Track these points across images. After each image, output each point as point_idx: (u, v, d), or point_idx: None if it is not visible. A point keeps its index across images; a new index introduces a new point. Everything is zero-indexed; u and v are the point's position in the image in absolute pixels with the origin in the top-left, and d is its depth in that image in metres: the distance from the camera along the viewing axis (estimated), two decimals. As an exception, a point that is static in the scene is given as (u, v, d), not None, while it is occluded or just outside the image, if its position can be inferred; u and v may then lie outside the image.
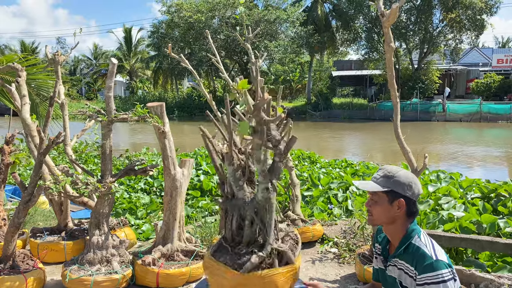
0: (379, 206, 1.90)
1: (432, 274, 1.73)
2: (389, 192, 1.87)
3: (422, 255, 1.79)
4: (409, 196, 1.87)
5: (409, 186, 1.87)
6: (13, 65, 3.96)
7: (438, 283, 1.72)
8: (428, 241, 1.86)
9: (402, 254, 1.88)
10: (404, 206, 1.87)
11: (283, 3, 35.06)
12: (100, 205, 3.38)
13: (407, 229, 1.90)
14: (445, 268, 1.74)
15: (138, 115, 3.29)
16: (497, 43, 54.45)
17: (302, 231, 4.40)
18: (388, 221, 1.91)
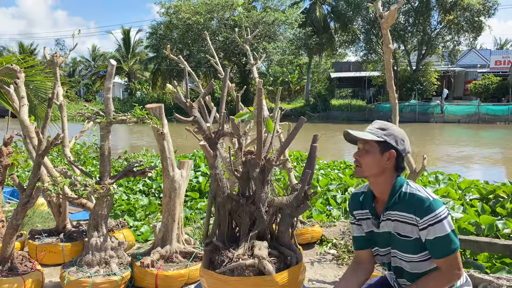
0: (370, 156, 1.92)
1: (433, 214, 1.78)
2: (382, 143, 1.90)
3: (419, 200, 1.83)
4: (400, 150, 1.91)
5: (401, 140, 1.92)
6: (12, 66, 3.95)
7: (441, 221, 1.78)
8: (417, 186, 1.91)
9: (395, 204, 1.90)
10: (394, 158, 1.90)
11: (282, 4, 35.15)
12: (98, 206, 3.37)
13: (394, 181, 1.93)
14: (442, 205, 1.82)
15: (137, 116, 3.28)
16: (495, 44, 54.60)
17: (301, 233, 4.40)
18: (377, 172, 1.92)
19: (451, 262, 1.81)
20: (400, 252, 1.92)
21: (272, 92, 37.17)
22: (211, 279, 2.11)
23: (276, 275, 2.03)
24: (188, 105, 2.40)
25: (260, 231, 2.22)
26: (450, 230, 1.79)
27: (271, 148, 2.33)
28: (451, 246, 1.80)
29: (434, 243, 1.80)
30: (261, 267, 2.03)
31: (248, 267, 2.05)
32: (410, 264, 1.91)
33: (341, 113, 33.21)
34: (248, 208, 2.21)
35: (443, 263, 1.82)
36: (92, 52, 55.00)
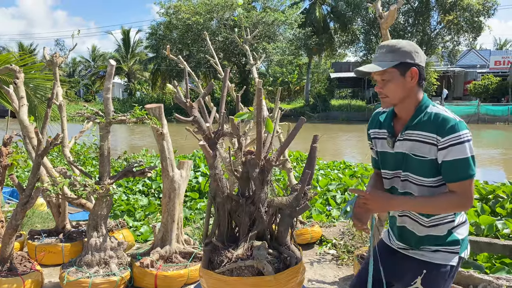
0: (393, 83, 1.83)
1: (456, 134, 1.71)
2: (399, 65, 1.81)
3: (444, 119, 1.75)
4: (419, 63, 1.83)
5: (416, 52, 1.83)
6: (11, 66, 3.95)
7: (463, 142, 1.72)
8: (444, 108, 1.83)
9: (418, 123, 1.82)
10: (417, 74, 1.82)
11: (281, 5, 35.13)
12: (98, 207, 3.37)
13: (420, 100, 1.86)
14: (466, 129, 1.74)
15: (137, 116, 3.28)
16: (495, 44, 54.63)
17: (301, 233, 4.40)
18: (404, 95, 1.84)
19: (466, 188, 1.75)
20: (413, 174, 1.85)
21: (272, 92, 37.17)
22: (210, 279, 2.11)
23: (276, 275, 2.02)
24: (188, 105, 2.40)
25: (259, 231, 2.22)
26: (470, 154, 1.73)
27: (271, 148, 2.33)
28: (468, 171, 1.74)
29: (452, 165, 1.73)
30: (260, 267, 2.03)
31: (247, 267, 2.05)
32: (419, 189, 1.85)
33: (341, 113, 33.21)
34: (248, 208, 2.21)
35: (457, 187, 1.76)
36: (91, 53, 54.99)
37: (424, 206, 1.81)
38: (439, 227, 1.86)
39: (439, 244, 1.87)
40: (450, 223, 1.87)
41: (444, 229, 1.86)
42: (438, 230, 1.86)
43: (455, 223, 1.87)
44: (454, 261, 1.86)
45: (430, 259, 1.87)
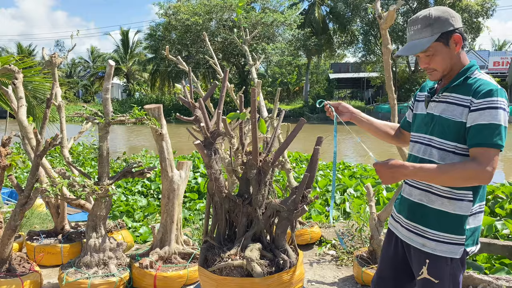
0: (439, 56, 1.76)
1: (492, 98, 1.62)
2: (441, 37, 1.73)
3: (483, 83, 1.68)
4: (458, 26, 1.75)
5: (452, 17, 1.75)
6: (10, 67, 3.94)
7: (497, 108, 1.61)
8: (486, 75, 1.76)
9: (456, 86, 1.76)
10: (461, 38, 1.75)
11: (280, 6, 35.16)
12: (97, 207, 3.36)
13: (465, 64, 1.80)
14: (505, 98, 1.65)
15: (136, 117, 3.28)
16: (493, 45, 54.73)
17: (300, 233, 4.40)
18: (451, 64, 1.78)
19: (488, 157, 1.62)
20: (437, 138, 1.77)
21: (271, 93, 37.19)
22: (203, 277, 2.13)
23: (264, 278, 2.00)
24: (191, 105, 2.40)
25: (256, 232, 2.21)
26: (502, 123, 1.61)
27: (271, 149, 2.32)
28: (495, 139, 1.61)
29: (480, 128, 1.62)
30: (249, 268, 2.02)
31: (236, 267, 2.05)
32: (440, 154, 1.75)
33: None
34: (245, 209, 2.20)
35: (479, 153, 1.63)
36: (90, 53, 54.97)
37: (438, 173, 1.66)
38: (453, 202, 1.73)
39: (443, 229, 1.75)
40: (468, 202, 1.73)
41: (457, 207, 1.73)
42: (451, 205, 1.74)
43: (473, 206, 1.74)
44: (457, 254, 1.75)
45: (432, 250, 1.78)
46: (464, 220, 1.73)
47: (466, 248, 1.75)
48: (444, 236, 1.75)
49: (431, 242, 1.78)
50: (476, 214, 1.77)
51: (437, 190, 1.77)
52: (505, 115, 1.63)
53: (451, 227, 1.74)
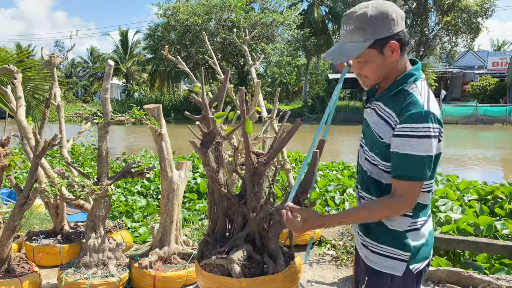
0: (372, 64, 1.56)
1: (416, 126, 1.44)
2: (374, 43, 1.51)
3: (412, 102, 1.47)
4: (398, 31, 1.52)
5: (391, 19, 1.50)
6: (9, 67, 3.93)
7: (421, 137, 1.44)
8: (425, 88, 1.54)
9: (388, 97, 1.57)
10: (398, 45, 1.52)
11: (280, 6, 35.18)
12: (96, 208, 3.35)
13: (404, 71, 1.58)
14: (434, 123, 1.45)
15: (135, 117, 3.27)
16: (492, 46, 54.80)
17: (300, 234, 4.39)
18: (388, 71, 1.58)
19: (406, 190, 1.49)
20: (367, 148, 1.65)
21: (271, 93, 37.19)
22: (197, 271, 2.19)
23: (241, 280, 1.99)
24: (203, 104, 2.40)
25: (250, 233, 2.20)
26: (425, 153, 1.45)
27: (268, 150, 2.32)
28: (416, 171, 1.47)
29: (400, 159, 1.48)
30: (229, 268, 2.02)
31: (218, 265, 2.06)
32: (373, 168, 1.62)
33: (339, 114, 33.23)
34: (241, 208, 2.20)
35: (398, 185, 1.50)
36: (90, 54, 54.94)
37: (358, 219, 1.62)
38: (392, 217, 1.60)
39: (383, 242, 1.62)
40: (404, 217, 1.58)
41: (394, 222, 1.60)
42: (388, 220, 1.60)
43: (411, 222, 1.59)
44: (399, 271, 1.59)
45: (373, 264, 1.65)
46: (402, 235, 1.59)
47: (409, 266, 1.59)
48: (384, 249, 1.62)
49: (373, 255, 1.65)
50: (417, 231, 1.60)
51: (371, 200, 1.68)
52: (431, 143, 1.44)
53: (391, 241, 1.61)
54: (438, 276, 3.31)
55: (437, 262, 3.58)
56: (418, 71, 1.58)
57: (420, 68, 1.60)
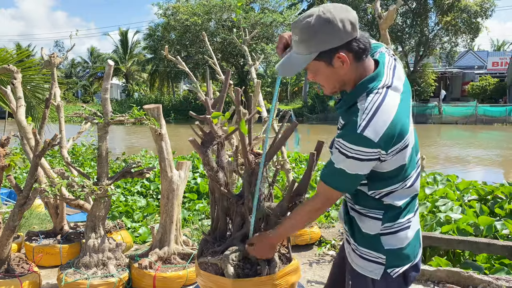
0: (322, 75, 1.51)
1: (347, 144, 1.42)
2: (320, 56, 1.44)
3: (350, 122, 1.43)
4: (347, 40, 1.40)
5: (336, 30, 1.38)
6: (9, 66, 3.93)
7: (347, 156, 1.43)
8: (374, 104, 1.41)
9: (344, 110, 1.54)
10: (348, 54, 1.43)
11: (280, 6, 35.18)
12: (96, 208, 3.35)
13: (361, 81, 1.48)
14: (367, 148, 1.40)
15: (135, 117, 3.27)
16: (492, 46, 54.82)
17: (300, 234, 4.39)
18: (341, 82, 1.52)
19: (321, 189, 1.58)
20: None
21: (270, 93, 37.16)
22: (196, 269, 2.19)
23: (234, 280, 1.99)
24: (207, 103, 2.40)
25: (246, 233, 2.20)
26: (339, 166, 1.47)
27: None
28: (327, 174, 1.54)
29: (328, 163, 1.55)
30: (222, 267, 2.03)
31: (212, 264, 2.07)
32: None
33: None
34: (239, 208, 2.20)
35: (319, 185, 1.60)
36: (90, 54, 54.93)
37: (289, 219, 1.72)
38: (363, 219, 1.61)
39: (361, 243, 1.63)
40: (375, 220, 1.58)
41: (365, 225, 1.61)
42: (361, 222, 1.62)
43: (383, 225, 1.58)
44: (376, 274, 1.59)
45: (354, 264, 1.66)
46: (374, 238, 1.58)
47: (387, 270, 1.57)
48: (362, 251, 1.62)
49: (353, 254, 1.66)
50: (392, 234, 1.58)
51: (351, 203, 1.68)
52: (349, 162, 1.43)
53: (366, 243, 1.61)
54: (438, 276, 3.31)
55: (437, 262, 3.58)
56: (374, 81, 1.47)
57: (379, 74, 1.48)
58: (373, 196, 1.59)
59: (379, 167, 1.50)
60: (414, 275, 1.66)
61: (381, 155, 1.43)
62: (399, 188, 1.56)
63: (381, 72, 1.50)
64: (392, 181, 1.54)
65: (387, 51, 1.63)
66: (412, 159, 1.56)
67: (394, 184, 1.55)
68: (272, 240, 1.82)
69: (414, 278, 1.66)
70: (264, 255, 1.90)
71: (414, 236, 1.63)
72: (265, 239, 1.84)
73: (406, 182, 1.57)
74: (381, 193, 1.57)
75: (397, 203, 1.57)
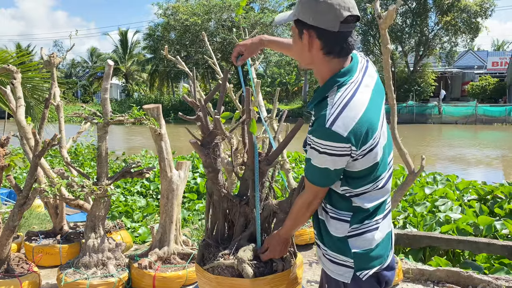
0: (295, 44, 1.55)
1: (317, 140, 1.44)
2: (297, 22, 1.49)
3: (320, 116, 1.44)
4: (318, 26, 1.42)
5: (317, 10, 1.41)
6: (9, 66, 3.93)
7: (318, 151, 1.45)
8: (344, 99, 1.43)
9: (315, 105, 1.56)
10: (315, 40, 1.45)
11: (279, 6, 35.21)
12: (96, 208, 3.35)
13: (331, 76, 1.50)
14: (336, 142, 1.41)
15: (135, 117, 3.27)
16: (493, 45, 54.84)
17: (300, 234, 4.39)
18: (306, 62, 1.55)
19: (308, 188, 1.61)
20: None
21: (270, 93, 37.19)
22: (199, 274, 2.15)
23: (253, 280, 1.98)
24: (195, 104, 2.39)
25: (253, 233, 2.20)
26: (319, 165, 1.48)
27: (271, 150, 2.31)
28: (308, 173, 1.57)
29: (306, 161, 1.57)
30: (240, 269, 2.01)
31: (227, 267, 2.04)
32: None
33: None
34: (242, 209, 2.19)
35: (306, 182, 1.62)
36: (90, 54, 54.93)
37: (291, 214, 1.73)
38: (331, 222, 1.61)
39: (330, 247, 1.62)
40: (342, 222, 1.58)
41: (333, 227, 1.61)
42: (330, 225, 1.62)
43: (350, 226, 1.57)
44: (346, 277, 1.58)
45: (326, 268, 1.67)
46: (342, 240, 1.58)
47: (356, 272, 1.56)
48: (332, 255, 1.62)
49: (324, 259, 1.67)
50: (359, 236, 1.57)
51: (323, 203, 1.66)
52: (322, 157, 1.45)
53: (335, 246, 1.60)
54: (437, 276, 3.31)
55: (436, 262, 3.58)
56: (345, 76, 1.49)
57: (349, 71, 1.50)
58: (344, 195, 1.57)
59: (351, 166, 1.49)
60: (388, 275, 1.65)
61: (352, 151, 1.43)
62: (370, 189, 1.56)
63: (354, 68, 1.52)
64: (364, 181, 1.53)
65: (359, 53, 1.65)
66: (384, 159, 1.56)
67: (367, 185, 1.54)
68: (285, 235, 1.84)
69: (389, 277, 1.65)
70: (281, 253, 1.89)
71: (384, 237, 1.62)
72: (277, 237, 1.85)
73: (378, 183, 1.56)
74: (353, 192, 1.56)
75: (366, 205, 1.56)
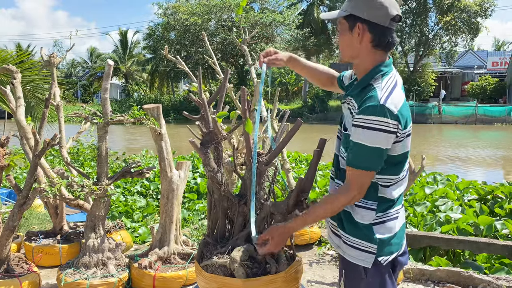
0: (342, 36, 1.65)
1: (368, 117, 1.48)
2: (348, 17, 1.60)
3: (371, 97, 1.52)
4: (371, 19, 1.56)
5: (371, 6, 1.55)
6: (9, 66, 3.93)
7: (372, 129, 1.48)
8: (390, 84, 1.56)
9: (357, 92, 1.62)
10: (366, 33, 1.58)
11: (279, 6, 35.20)
12: (96, 208, 3.35)
13: (375, 66, 1.61)
14: (388, 118, 1.47)
15: (135, 117, 3.26)
16: (493, 45, 54.84)
17: (300, 234, 4.39)
18: (353, 54, 1.65)
19: (353, 177, 1.57)
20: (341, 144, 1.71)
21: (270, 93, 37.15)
22: (197, 271, 2.16)
23: (245, 280, 1.98)
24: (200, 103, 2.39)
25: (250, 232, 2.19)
26: (372, 145, 1.49)
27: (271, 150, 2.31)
28: (360, 160, 1.53)
29: (352, 146, 1.54)
30: (232, 268, 2.00)
31: (220, 266, 2.04)
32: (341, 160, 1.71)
33: (339, 114, 32.97)
34: (241, 208, 2.19)
35: (348, 173, 1.59)
36: (89, 54, 54.92)
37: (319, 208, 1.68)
38: (357, 210, 1.65)
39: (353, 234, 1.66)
40: (370, 211, 1.63)
41: (359, 216, 1.65)
42: (354, 213, 1.66)
43: (376, 215, 1.63)
44: (368, 262, 1.64)
45: (346, 255, 1.70)
46: (367, 228, 1.63)
47: (378, 258, 1.63)
48: (354, 241, 1.66)
49: (345, 246, 1.70)
50: (383, 224, 1.64)
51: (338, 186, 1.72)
52: (379, 135, 1.48)
53: (358, 233, 1.65)
54: (438, 276, 3.31)
55: (437, 261, 3.58)
56: (388, 67, 1.62)
57: (390, 64, 1.65)
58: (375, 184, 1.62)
59: (393, 149, 1.56)
60: (403, 260, 1.74)
61: (399, 129, 1.51)
62: (397, 180, 1.65)
63: (392, 63, 1.68)
64: (399, 169, 1.62)
65: None
66: (408, 152, 1.65)
67: (399, 173, 1.64)
68: (294, 229, 1.83)
69: (403, 261, 1.74)
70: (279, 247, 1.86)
71: (401, 227, 1.72)
72: (282, 229, 1.80)
73: (403, 173, 1.67)
74: (384, 181, 1.62)
75: (393, 195, 1.65)
